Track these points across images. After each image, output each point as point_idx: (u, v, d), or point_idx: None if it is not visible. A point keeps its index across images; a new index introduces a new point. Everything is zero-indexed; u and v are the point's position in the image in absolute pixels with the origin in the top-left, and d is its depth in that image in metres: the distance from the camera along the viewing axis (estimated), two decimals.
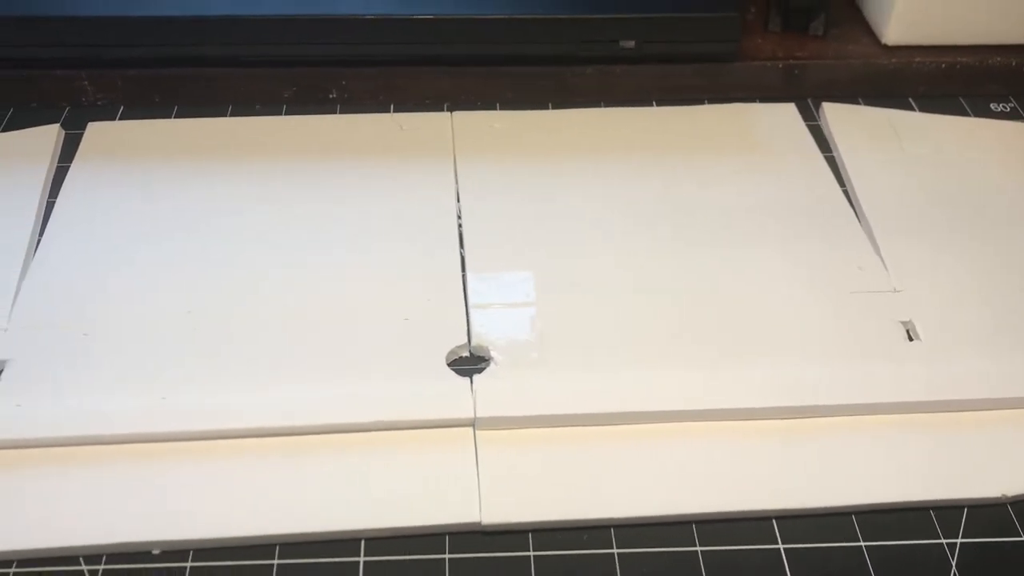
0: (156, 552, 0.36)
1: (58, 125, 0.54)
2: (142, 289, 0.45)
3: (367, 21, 0.54)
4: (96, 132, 0.54)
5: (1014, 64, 0.58)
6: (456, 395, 0.40)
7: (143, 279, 0.45)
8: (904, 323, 0.45)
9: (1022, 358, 0.43)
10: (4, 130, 0.55)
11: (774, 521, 0.38)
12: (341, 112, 0.57)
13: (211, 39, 0.55)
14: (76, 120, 0.55)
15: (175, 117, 0.56)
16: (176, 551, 0.36)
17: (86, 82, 0.56)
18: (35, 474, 0.38)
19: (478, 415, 0.39)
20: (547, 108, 0.57)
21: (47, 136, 0.54)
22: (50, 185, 0.51)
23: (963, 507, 0.38)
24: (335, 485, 0.38)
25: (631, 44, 0.55)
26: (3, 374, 0.41)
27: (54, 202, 0.50)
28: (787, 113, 0.57)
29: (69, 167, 0.52)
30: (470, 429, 0.40)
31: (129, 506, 0.37)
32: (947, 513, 0.38)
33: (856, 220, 0.50)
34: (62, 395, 0.40)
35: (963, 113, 0.58)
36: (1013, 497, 0.38)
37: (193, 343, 0.43)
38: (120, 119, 0.56)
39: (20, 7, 0.54)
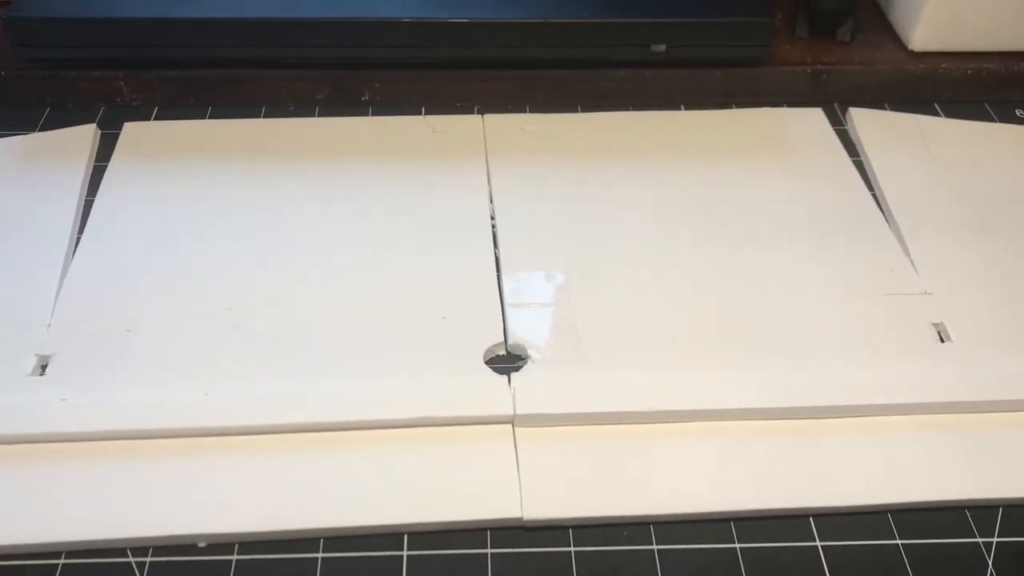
0: (202, 545, 0.37)
1: (94, 125, 0.55)
2: (182, 285, 0.46)
3: (400, 24, 0.55)
4: (132, 132, 0.55)
5: None
6: (495, 393, 0.41)
7: (182, 275, 0.46)
8: (936, 325, 0.45)
9: None
10: (41, 130, 0.55)
11: (811, 519, 0.38)
12: (373, 114, 0.57)
13: (245, 41, 0.55)
14: (112, 120, 0.56)
15: (209, 118, 0.57)
16: (222, 544, 0.37)
17: (122, 83, 0.56)
18: (80, 467, 0.38)
19: (517, 412, 0.40)
20: (577, 111, 0.58)
21: (84, 135, 0.54)
22: (88, 183, 0.52)
23: (998, 506, 0.38)
24: (377, 480, 0.38)
25: (662, 48, 0.56)
26: (48, 369, 0.42)
27: (92, 200, 0.50)
28: (815, 117, 0.58)
29: (106, 166, 0.52)
30: (509, 426, 0.40)
31: (174, 499, 0.37)
32: (982, 512, 0.38)
33: (885, 223, 0.51)
34: (106, 390, 0.41)
35: (989, 119, 0.59)
36: None
37: (234, 339, 0.43)
38: (155, 120, 0.56)
39: (57, 9, 0.54)
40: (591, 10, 0.55)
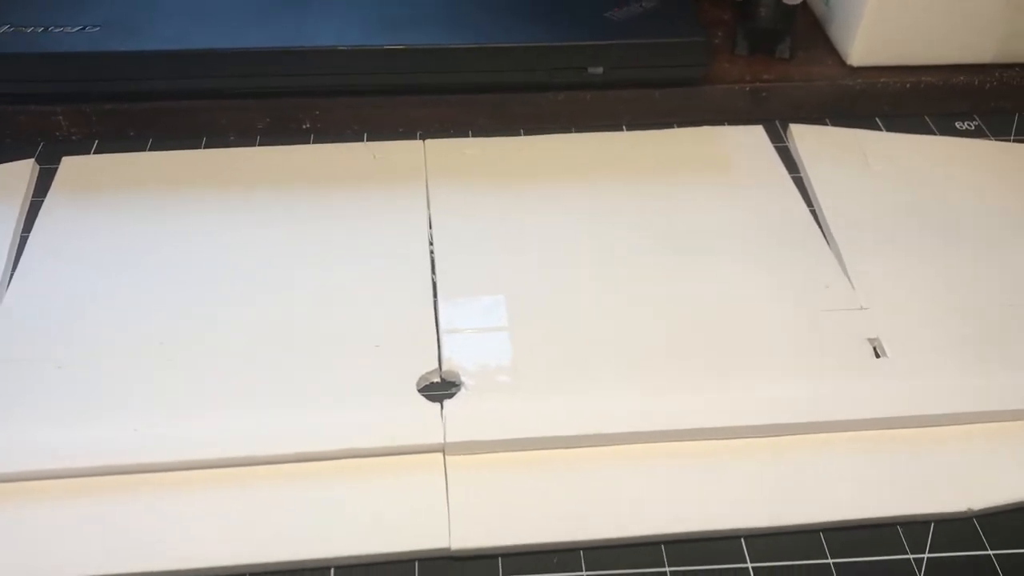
0: None
1: (33, 160, 0.55)
2: (115, 322, 0.45)
3: (339, 52, 0.55)
4: (70, 166, 0.55)
5: (977, 83, 0.59)
6: (426, 421, 0.41)
7: (116, 312, 0.46)
8: (871, 340, 0.45)
9: (986, 373, 0.43)
10: None
11: (742, 540, 0.38)
12: (315, 142, 0.57)
13: (185, 72, 0.55)
14: (51, 155, 0.55)
15: (150, 150, 0.56)
16: None
17: (61, 117, 0.56)
18: (7, 508, 0.38)
19: (448, 440, 0.40)
20: (519, 134, 0.58)
21: (21, 171, 0.54)
22: (24, 219, 0.51)
23: (930, 522, 0.39)
24: (305, 512, 0.38)
25: (600, 70, 0.56)
26: None
27: (27, 236, 0.50)
28: (755, 135, 0.58)
29: (43, 201, 0.52)
30: (440, 455, 0.40)
31: (102, 538, 0.37)
32: (914, 528, 0.38)
33: (824, 239, 0.51)
34: (34, 428, 0.40)
35: (929, 132, 0.59)
36: (979, 511, 0.39)
37: (166, 374, 0.43)
38: (95, 153, 0.56)
39: None
40: (529, 34, 0.55)
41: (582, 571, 0.37)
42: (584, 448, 0.40)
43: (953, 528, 0.38)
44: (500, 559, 0.37)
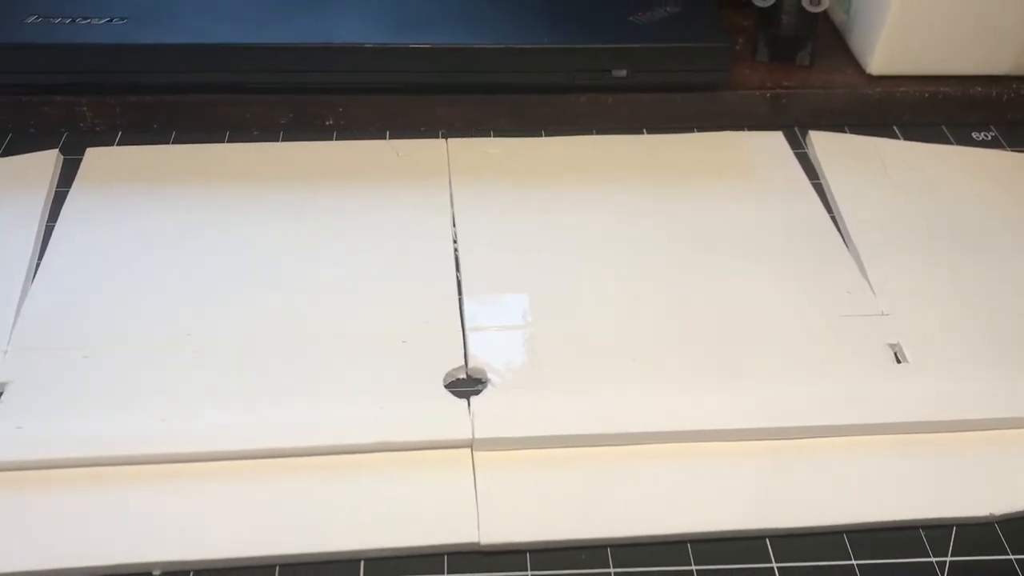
0: (157, 573, 0.36)
1: (57, 150, 0.55)
2: (142, 312, 0.45)
3: (365, 50, 0.55)
4: (95, 157, 0.55)
5: (994, 94, 0.60)
6: (454, 417, 0.41)
7: (142, 302, 0.46)
8: (892, 345, 0.46)
9: (1007, 379, 0.44)
10: (3, 155, 0.55)
11: (767, 540, 0.38)
12: (337, 139, 0.57)
13: (209, 67, 0.56)
14: (75, 145, 0.56)
15: (173, 143, 0.57)
16: (177, 572, 0.36)
17: (85, 108, 0.56)
18: (35, 495, 0.38)
19: (476, 436, 0.40)
20: (541, 135, 0.58)
21: (46, 161, 0.54)
22: (49, 209, 0.52)
23: (952, 526, 0.39)
24: (334, 505, 0.38)
25: (623, 73, 0.57)
26: (3, 396, 0.41)
27: (53, 226, 0.50)
28: (775, 141, 0.59)
29: (68, 192, 0.52)
30: (468, 450, 0.40)
31: (129, 527, 0.37)
32: (936, 532, 0.39)
33: (844, 245, 0.51)
34: (62, 417, 0.41)
35: (946, 141, 0.60)
36: (1001, 516, 0.39)
37: (193, 365, 0.43)
38: (118, 145, 0.56)
39: (20, 35, 0.54)
40: (553, 36, 0.56)
41: (609, 568, 0.37)
42: (610, 447, 0.41)
43: (975, 532, 0.39)
44: (528, 554, 0.37)
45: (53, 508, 0.38)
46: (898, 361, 0.45)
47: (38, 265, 0.48)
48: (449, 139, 0.57)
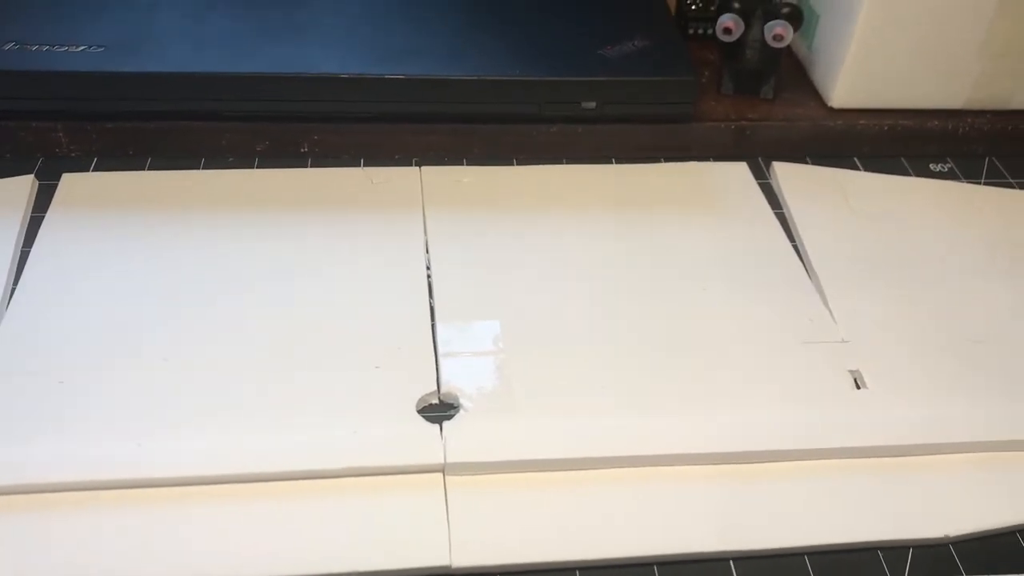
0: None
1: (32, 176, 0.55)
2: (116, 337, 0.46)
3: (340, 79, 0.56)
4: (70, 183, 0.55)
5: (950, 127, 0.62)
6: (426, 441, 0.42)
7: (116, 327, 0.46)
8: (852, 372, 0.47)
9: (963, 405, 0.45)
10: None
11: (731, 562, 0.39)
12: (312, 166, 0.58)
13: (186, 94, 0.56)
14: (50, 171, 0.56)
15: (148, 169, 0.57)
16: None
17: (61, 134, 0.57)
18: (8, 520, 0.38)
19: (448, 461, 0.41)
20: (512, 164, 0.59)
21: (21, 186, 0.54)
22: (24, 234, 0.52)
23: (908, 547, 0.40)
24: (307, 529, 0.39)
25: (592, 105, 0.58)
26: None
27: (29, 251, 0.50)
28: (739, 171, 0.60)
29: (44, 217, 0.53)
30: (440, 475, 0.41)
31: (103, 550, 0.37)
32: (894, 553, 0.40)
33: (805, 273, 0.53)
34: (36, 442, 0.41)
35: (905, 172, 0.62)
36: (956, 537, 0.40)
37: (168, 390, 0.43)
38: (94, 171, 0.57)
39: None
40: (524, 68, 0.57)
41: None
42: (579, 471, 0.42)
43: (931, 554, 0.40)
44: None
45: (22, 532, 0.38)
46: (858, 387, 0.46)
47: (13, 289, 0.48)
48: (423, 167, 0.58)
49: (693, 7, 0.68)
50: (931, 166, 0.62)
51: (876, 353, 0.48)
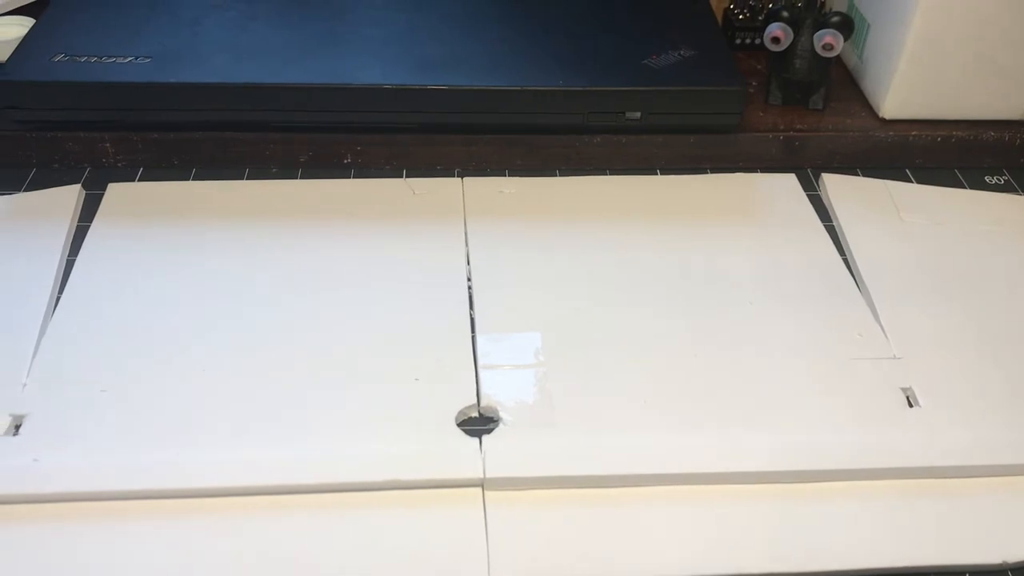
0: None
1: (79, 185, 0.56)
2: (159, 347, 0.46)
3: (383, 90, 0.56)
4: (116, 193, 0.56)
5: (1007, 138, 0.60)
6: (465, 455, 0.41)
7: (160, 337, 0.47)
8: (904, 389, 0.46)
9: (1020, 425, 0.44)
10: (26, 190, 0.56)
11: None
12: (355, 177, 0.58)
13: (229, 105, 0.57)
14: (97, 181, 0.57)
15: (193, 179, 0.58)
16: None
17: (108, 144, 0.57)
18: (50, 529, 0.38)
19: (487, 476, 0.40)
20: (555, 175, 0.59)
21: (68, 196, 0.55)
22: (71, 244, 0.52)
23: (964, 573, 0.39)
24: (345, 542, 0.38)
25: (637, 115, 0.57)
26: (21, 428, 0.42)
27: (74, 260, 0.51)
28: (788, 183, 0.59)
29: (89, 226, 0.53)
30: (479, 489, 0.40)
31: (145, 560, 0.37)
32: None
33: (856, 288, 0.51)
34: (79, 450, 0.41)
35: (959, 185, 0.60)
36: (1014, 564, 0.39)
37: (208, 401, 0.43)
38: (139, 180, 0.57)
39: (47, 72, 0.55)
40: (568, 78, 0.57)
41: None
42: (621, 488, 0.41)
43: None
44: None
45: (66, 541, 0.38)
46: (910, 405, 0.45)
47: (58, 299, 0.49)
48: (465, 178, 0.58)
49: (740, 16, 0.67)
50: (986, 178, 0.61)
51: (929, 370, 0.47)
